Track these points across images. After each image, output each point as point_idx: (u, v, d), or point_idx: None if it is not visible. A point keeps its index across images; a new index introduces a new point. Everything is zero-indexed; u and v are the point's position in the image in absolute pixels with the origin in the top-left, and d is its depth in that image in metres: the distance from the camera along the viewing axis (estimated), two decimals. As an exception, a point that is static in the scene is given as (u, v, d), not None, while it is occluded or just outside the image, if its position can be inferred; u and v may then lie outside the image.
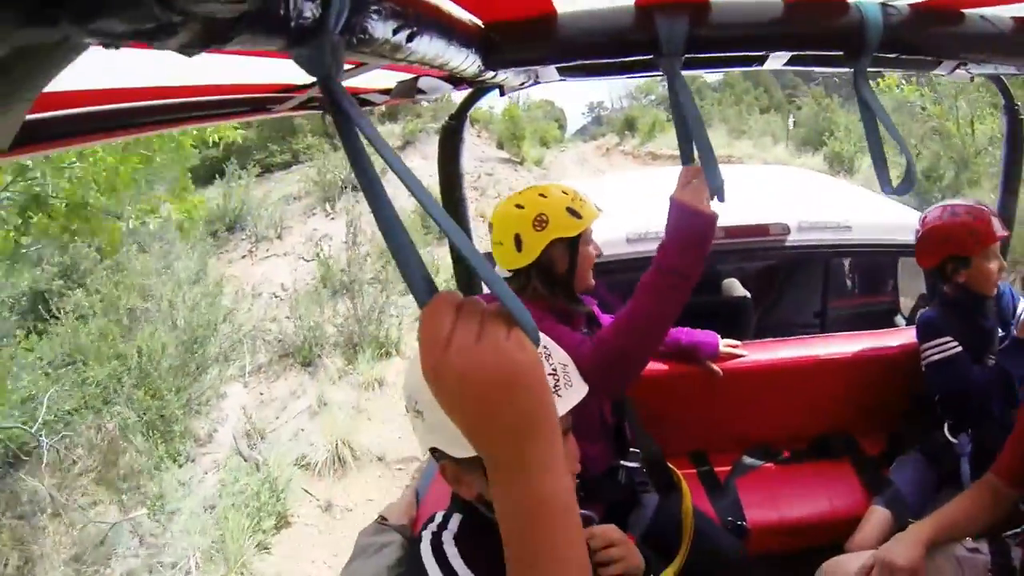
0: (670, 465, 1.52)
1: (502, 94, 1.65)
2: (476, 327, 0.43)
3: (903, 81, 8.28)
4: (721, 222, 2.02)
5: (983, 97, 7.22)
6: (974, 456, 1.67)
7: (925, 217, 1.75)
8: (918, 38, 0.94)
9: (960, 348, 1.67)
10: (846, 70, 1.22)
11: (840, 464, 1.94)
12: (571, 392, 0.79)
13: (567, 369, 0.81)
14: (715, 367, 1.87)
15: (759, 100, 25.40)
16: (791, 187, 2.83)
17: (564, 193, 1.37)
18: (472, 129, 14.45)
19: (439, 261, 6.84)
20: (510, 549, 0.51)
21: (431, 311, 0.43)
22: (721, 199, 0.94)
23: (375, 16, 0.43)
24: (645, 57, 0.90)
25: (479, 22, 0.86)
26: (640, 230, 2.05)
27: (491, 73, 1.00)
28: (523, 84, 1.54)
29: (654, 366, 1.87)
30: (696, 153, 1.02)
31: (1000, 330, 1.73)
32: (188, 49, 0.31)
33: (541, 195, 1.37)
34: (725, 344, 1.89)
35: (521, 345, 0.44)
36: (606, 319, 1.80)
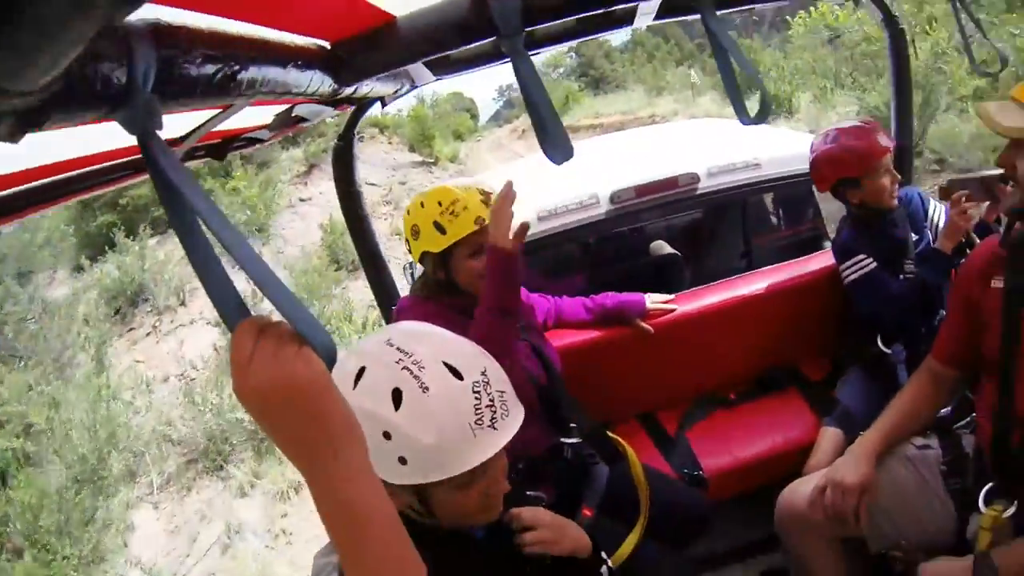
0: (611, 435, 1.57)
1: (383, 106, 1.67)
2: (274, 346, 0.49)
3: (837, 8, 8.14)
4: (630, 182, 2.13)
5: (919, 12, 6.98)
6: (909, 362, 1.78)
7: (812, 144, 1.85)
8: None
9: (875, 264, 1.76)
10: (763, 5, 1.28)
11: (787, 395, 2.03)
12: (508, 422, 0.84)
13: (504, 397, 0.84)
14: (646, 325, 1.93)
15: (672, 54, 24.93)
16: (698, 137, 2.92)
17: (439, 204, 1.40)
18: (382, 137, 14.23)
19: (353, 297, 6.61)
20: (340, 559, 0.57)
21: (237, 334, 0.49)
22: (561, 160, 0.95)
23: (187, 66, 0.47)
24: (490, 40, 0.92)
25: (325, 44, 0.89)
26: (549, 207, 2.10)
27: (350, 88, 1.03)
28: (398, 92, 1.57)
29: (587, 335, 1.93)
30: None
31: (915, 234, 1.83)
32: (11, 138, 0.34)
33: (421, 204, 1.43)
34: (652, 301, 1.96)
35: (308, 360, 0.49)
36: (536, 298, 1.83)
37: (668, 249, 2.63)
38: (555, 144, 0.80)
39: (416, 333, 0.87)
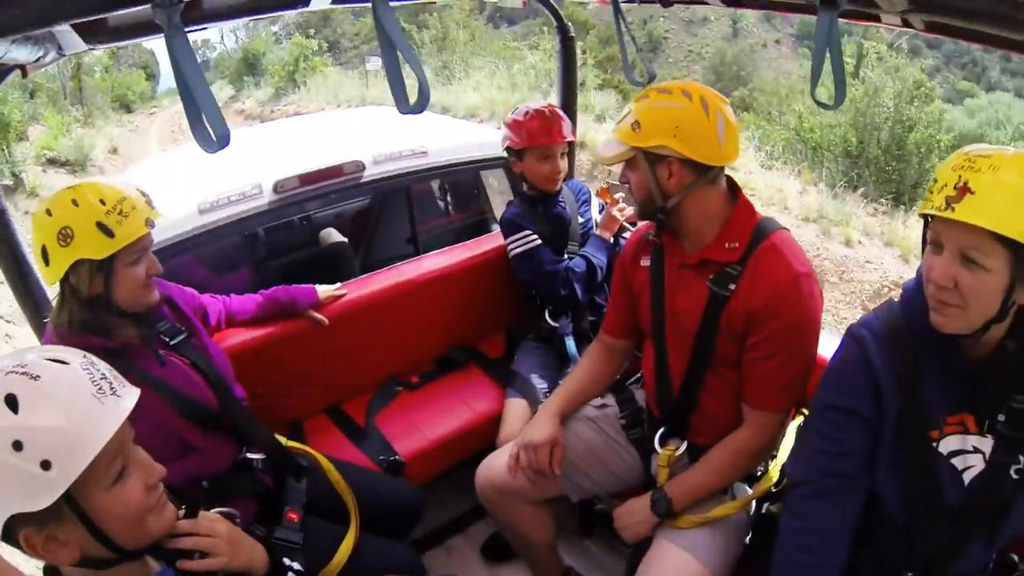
0: (295, 445, 1.62)
1: (24, 75, 1.50)
2: None
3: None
4: (294, 171, 2.25)
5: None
6: (576, 334, 2.11)
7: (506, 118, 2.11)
8: None
9: (539, 241, 2.03)
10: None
11: (469, 372, 2.27)
12: (128, 391, 0.88)
13: (114, 374, 0.88)
14: (319, 316, 2.02)
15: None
16: (369, 125, 3.06)
17: (102, 202, 1.30)
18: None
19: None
20: None
21: None
22: (216, 149, 0.87)
23: None
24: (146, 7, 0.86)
25: None
26: (211, 199, 2.08)
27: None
28: (40, 60, 1.43)
29: (261, 331, 1.96)
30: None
31: (581, 218, 2.16)
32: None
33: (74, 201, 1.31)
34: (323, 291, 2.06)
35: None
36: (206, 299, 1.78)
37: (337, 237, 2.76)
38: (207, 131, 0.80)
39: (21, 350, 0.88)
